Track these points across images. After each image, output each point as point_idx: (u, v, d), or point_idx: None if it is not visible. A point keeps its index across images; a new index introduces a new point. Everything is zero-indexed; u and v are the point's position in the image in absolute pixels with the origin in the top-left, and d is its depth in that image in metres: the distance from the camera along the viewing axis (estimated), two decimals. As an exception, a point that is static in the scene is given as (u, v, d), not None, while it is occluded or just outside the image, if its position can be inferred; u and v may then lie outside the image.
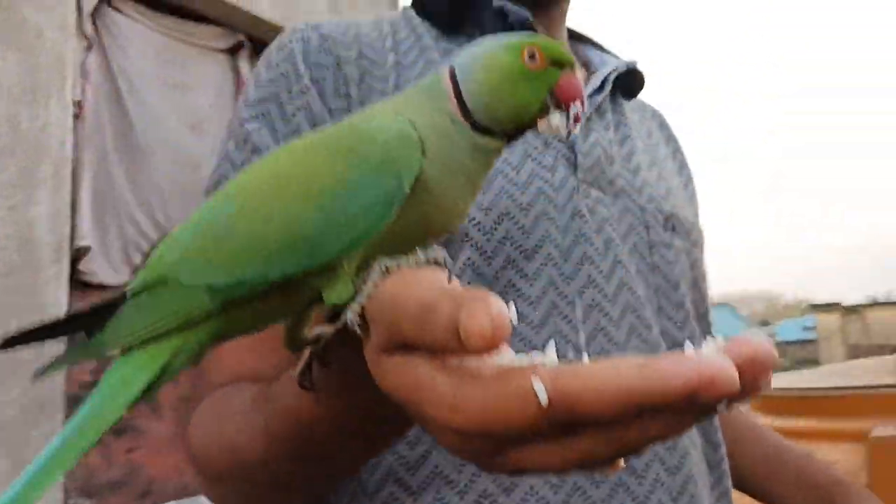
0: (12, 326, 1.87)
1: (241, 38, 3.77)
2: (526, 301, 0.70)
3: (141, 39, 3.29)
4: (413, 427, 0.50)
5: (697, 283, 0.86)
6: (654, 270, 0.79)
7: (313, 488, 0.59)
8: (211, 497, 0.65)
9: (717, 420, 0.84)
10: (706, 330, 0.87)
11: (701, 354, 0.30)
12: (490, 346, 0.31)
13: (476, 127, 0.44)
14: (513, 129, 0.45)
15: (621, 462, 0.34)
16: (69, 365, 0.44)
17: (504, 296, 0.67)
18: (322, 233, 0.40)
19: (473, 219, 0.70)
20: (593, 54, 0.93)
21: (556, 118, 0.44)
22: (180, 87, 3.42)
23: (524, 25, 0.80)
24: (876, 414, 1.43)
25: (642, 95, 0.96)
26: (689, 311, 0.83)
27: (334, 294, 0.41)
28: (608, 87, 0.85)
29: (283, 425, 0.52)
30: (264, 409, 0.54)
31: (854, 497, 0.88)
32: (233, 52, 3.78)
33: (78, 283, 2.56)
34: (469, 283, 0.70)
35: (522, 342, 0.68)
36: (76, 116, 2.82)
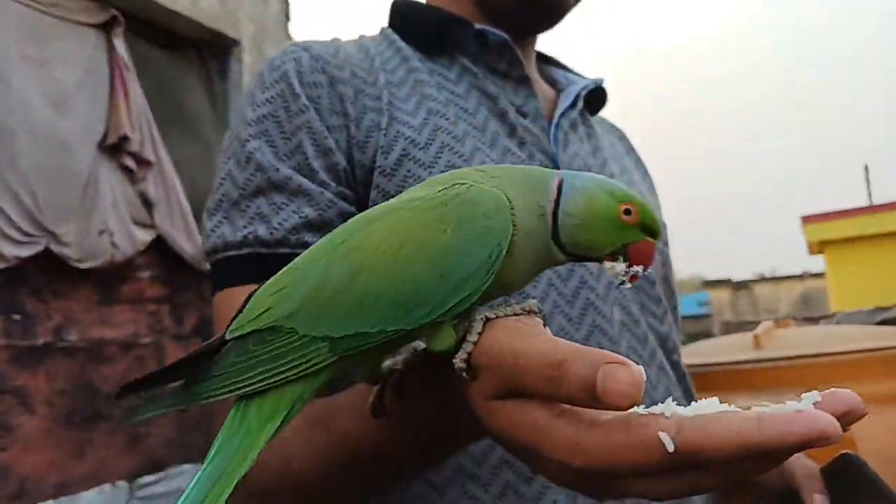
0: None
1: (115, 12, 3.57)
2: (543, 299, 0.74)
3: (-1, 11, 3.05)
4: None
5: (668, 278, 0.92)
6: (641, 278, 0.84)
7: (362, 499, 0.63)
8: None
9: None
10: (678, 320, 0.94)
11: (807, 409, 0.35)
12: (630, 405, 0.35)
13: (555, 237, 0.49)
14: (580, 256, 0.50)
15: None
16: (169, 410, 0.47)
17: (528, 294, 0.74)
18: (438, 293, 0.44)
19: None
20: (559, 75, 0.98)
21: (619, 267, 0.50)
22: (44, 63, 3.19)
23: (502, 46, 0.84)
24: (733, 389, 1.48)
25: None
26: (666, 306, 0.89)
27: (439, 342, 0.45)
28: (580, 103, 0.90)
29: (345, 451, 0.56)
30: (322, 434, 0.58)
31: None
32: (106, 27, 3.56)
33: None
34: None
35: None
36: (-76, 94, 2.60)
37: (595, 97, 0.96)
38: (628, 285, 0.51)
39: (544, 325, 0.44)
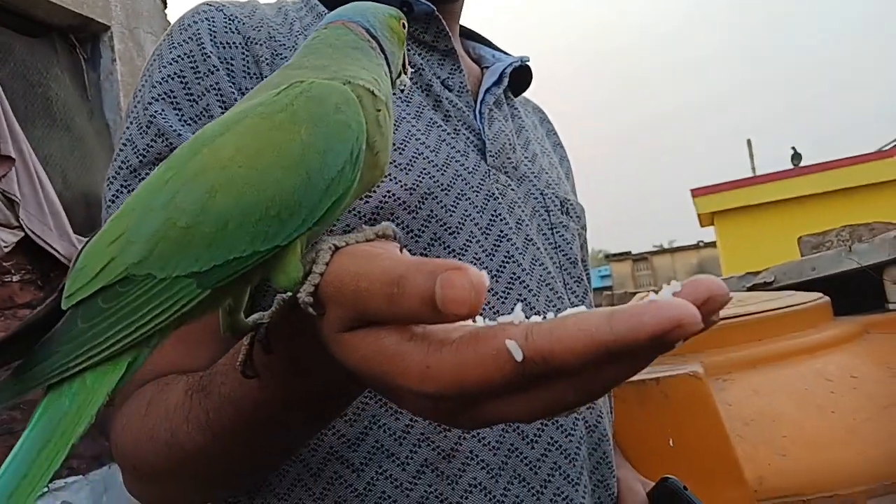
0: None
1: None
2: (462, 255, 0.73)
3: None
4: (354, 401, 0.55)
5: (585, 261, 0.94)
6: (556, 249, 0.85)
7: (256, 473, 0.62)
8: (144, 498, 0.66)
9: None
10: (592, 303, 0.94)
11: (663, 299, 0.32)
12: (472, 312, 0.33)
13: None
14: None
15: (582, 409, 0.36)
16: (6, 404, 0.41)
17: (448, 255, 0.72)
18: (309, 198, 0.41)
19: (398, 198, 0.71)
20: (485, 51, 0.96)
21: (406, 80, 0.54)
22: None
23: (429, 17, 0.82)
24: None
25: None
26: (587, 286, 0.89)
27: (285, 277, 0.41)
28: (505, 80, 0.89)
29: (226, 415, 0.53)
30: (202, 401, 0.55)
31: None
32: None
33: None
34: None
35: None
36: None
37: (520, 76, 0.95)
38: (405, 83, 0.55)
39: (401, 250, 0.41)
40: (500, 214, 0.77)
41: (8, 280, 3.44)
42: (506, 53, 0.97)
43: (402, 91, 0.54)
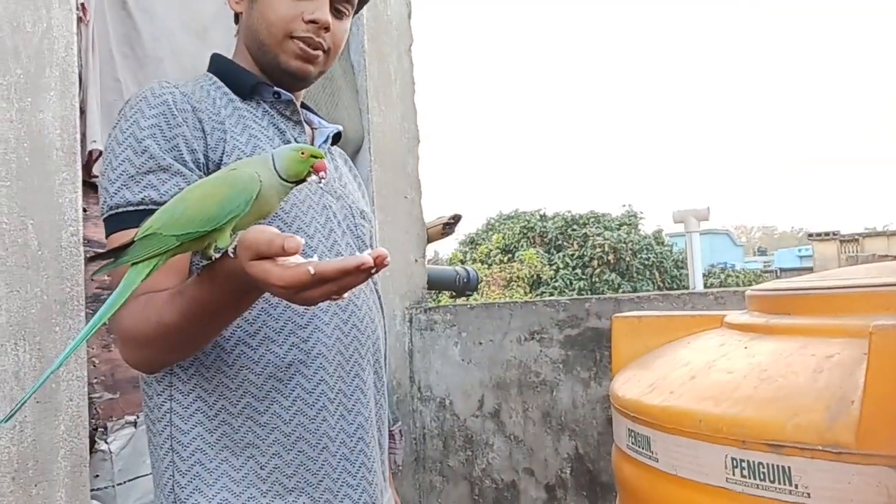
0: (29, 226, 1.90)
1: (245, -57, 3.65)
2: (312, 238, 1.29)
3: (143, -58, 3.19)
4: (254, 302, 1.06)
5: (372, 244, 1.49)
6: (356, 237, 1.41)
7: (203, 341, 1.10)
8: (133, 360, 1.12)
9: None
10: None
11: (365, 255, 0.85)
12: (295, 253, 0.85)
13: (281, 178, 0.99)
14: (295, 182, 1.00)
15: (346, 295, 0.89)
16: (110, 267, 0.97)
17: (304, 236, 1.28)
18: (224, 213, 0.92)
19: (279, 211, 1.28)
20: (313, 118, 1.50)
21: (314, 178, 0.99)
22: (185, -7, 3.34)
23: (289, 102, 1.36)
24: (873, 311, 1.44)
25: None
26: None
27: (221, 241, 0.94)
28: (330, 139, 1.47)
29: (190, 305, 1.01)
30: (178, 299, 1.02)
31: None
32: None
33: (90, 185, 2.53)
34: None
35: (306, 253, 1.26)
36: (80, 20, 2.78)
37: (337, 136, 1.50)
38: (322, 182, 1.10)
39: (280, 229, 0.97)
40: (330, 215, 1.34)
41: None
42: (325, 122, 1.50)
43: (318, 182, 1.09)
